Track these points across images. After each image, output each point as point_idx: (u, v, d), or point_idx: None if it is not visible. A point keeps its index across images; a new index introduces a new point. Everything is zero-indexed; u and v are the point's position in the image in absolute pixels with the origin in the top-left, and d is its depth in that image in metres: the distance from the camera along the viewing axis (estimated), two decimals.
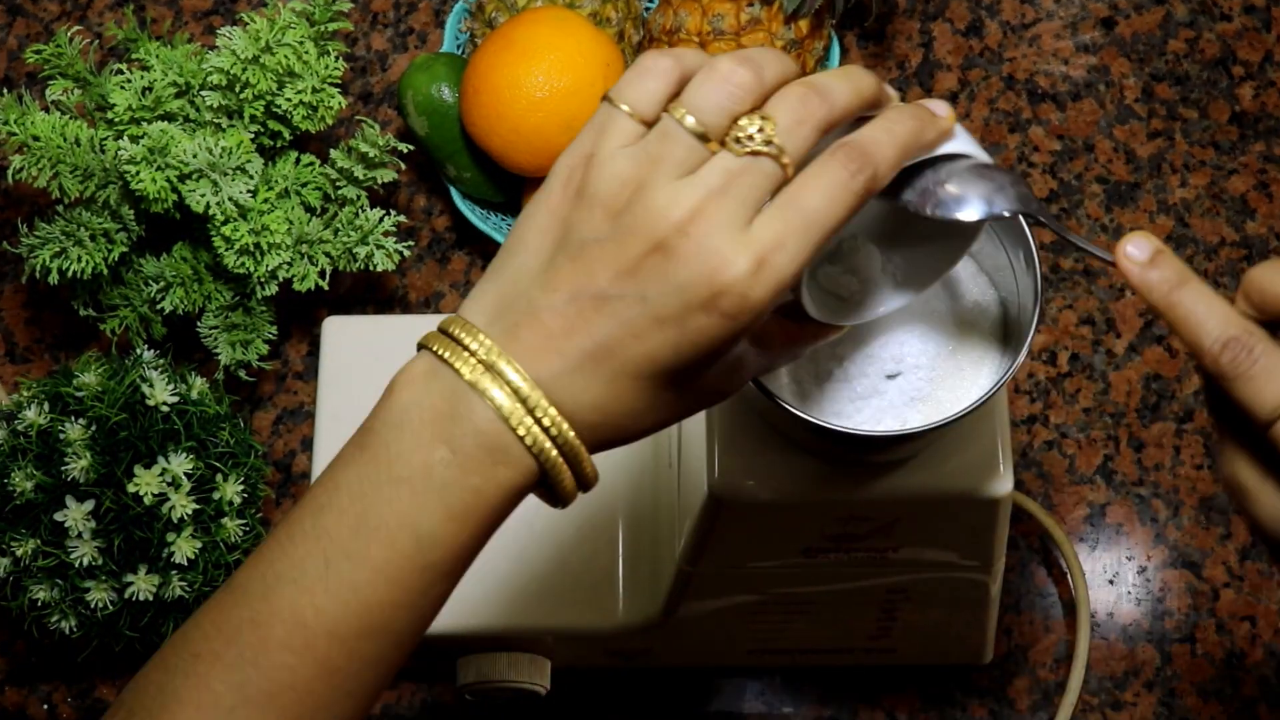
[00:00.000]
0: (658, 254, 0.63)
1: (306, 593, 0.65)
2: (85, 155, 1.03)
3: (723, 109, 0.65)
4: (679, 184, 0.64)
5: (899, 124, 0.66)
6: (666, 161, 0.64)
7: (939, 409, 0.78)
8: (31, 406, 0.99)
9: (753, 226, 0.63)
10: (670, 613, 0.99)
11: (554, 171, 0.66)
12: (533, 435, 0.65)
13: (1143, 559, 1.10)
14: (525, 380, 0.64)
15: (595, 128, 0.66)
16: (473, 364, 0.65)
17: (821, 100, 0.65)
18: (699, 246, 0.63)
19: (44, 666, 1.09)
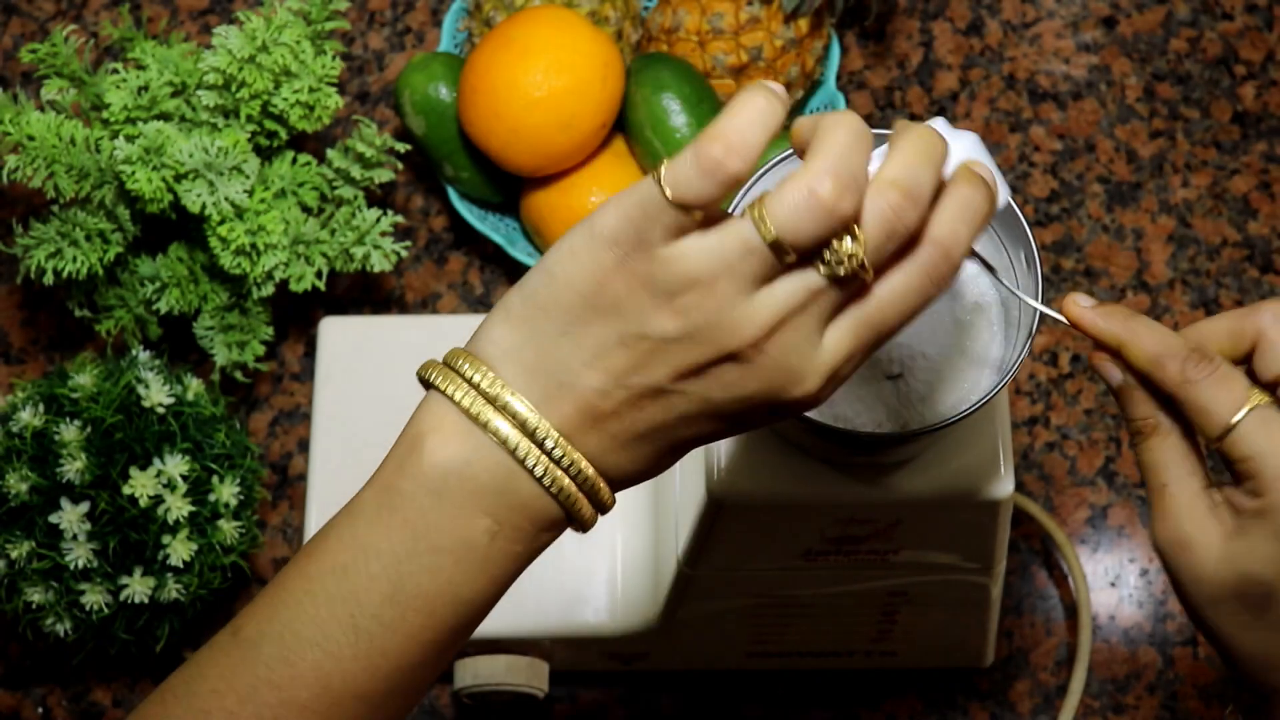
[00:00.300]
0: (729, 364, 0.62)
1: (333, 658, 0.64)
2: (80, 155, 1.02)
3: (809, 232, 0.60)
4: (758, 297, 0.61)
5: (974, 207, 0.63)
6: (743, 272, 0.61)
7: (939, 410, 0.78)
8: (26, 408, 0.99)
9: (825, 339, 0.62)
10: (669, 616, 0.99)
11: (598, 229, 0.62)
12: (578, 505, 0.64)
13: (1144, 561, 1.10)
14: (585, 464, 0.63)
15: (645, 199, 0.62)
16: (517, 438, 0.63)
17: (914, 207, 0.61)
18: (774, 364, 0.62)
19: (38, 669, 1.08)
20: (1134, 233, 1.17)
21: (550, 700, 1.07)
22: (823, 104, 1.16)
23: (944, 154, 0.64)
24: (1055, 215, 1.18)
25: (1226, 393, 0.66)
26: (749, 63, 1.11)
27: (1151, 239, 1.17)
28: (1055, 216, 1.18)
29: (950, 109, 1.21)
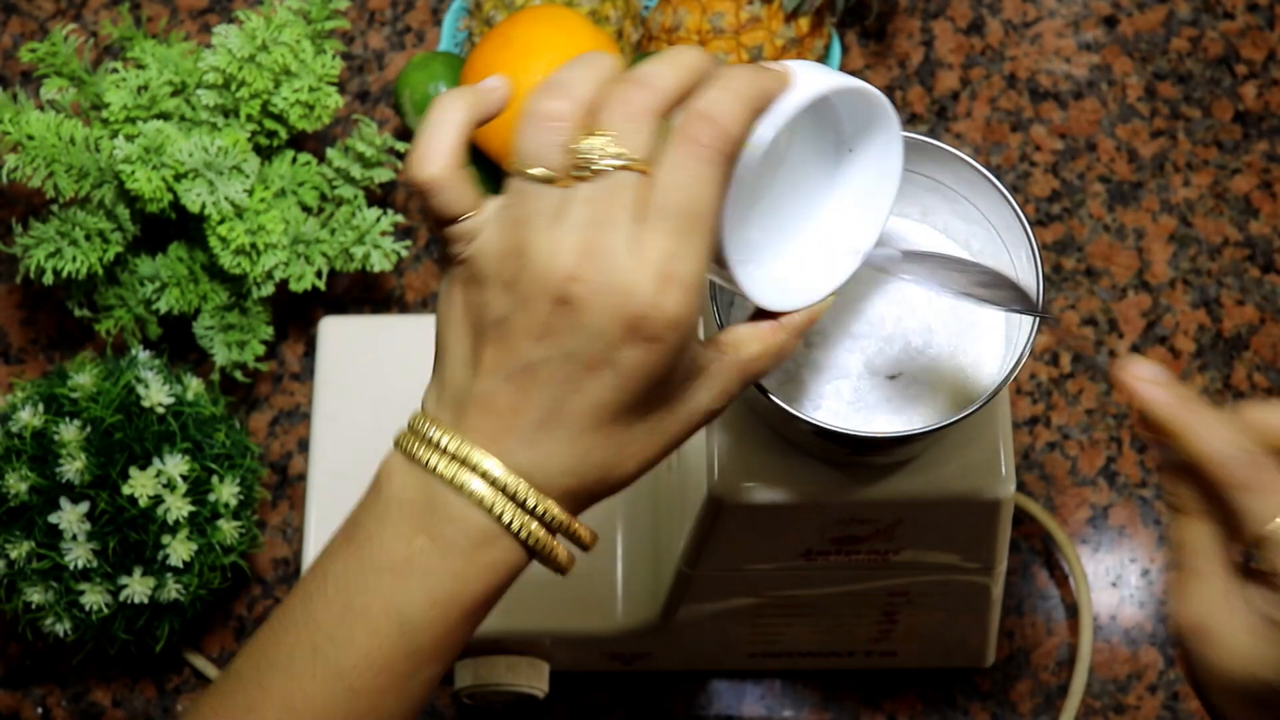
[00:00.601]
0: (562, 307, 0.62)
1: (295, 679, 0.66)
2: (80, 154, 1.02)
3: (551, 146, 0.63)
4: (551, 233, 0.63)
5: (735, 79, 0.64)
6: (531, 218, 0.63)
7: (940, 410, 0.78)
8: (26, 408, 0.99)
9: (641, 246, 0.62)
10: (669, 616, 0.99)
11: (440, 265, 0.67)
12: (518, 519, 0.65)
13: (1145, 561, 1.09)
14: (500, 466, 0.65)
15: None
16: (446, 459, 0.65)
17: (645, 89, 0.63)
18: (598, 285, 0.62)
19: (38, 669, 1.08)
20: (1135, 232, 1.17)
21: (550, 700, 1.07)
22: None
23: (695, 61, 0.64)
24: (1056, 215, 1.18)
25: (1269, 499, 0.65)
26: (750, 62, 1.11)
27: (1153, 238, 1.17)
28: (1056, 216, 1.18)
29: (951, 108, 1.21)
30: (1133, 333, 1.14)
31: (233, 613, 1.09)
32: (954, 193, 0.79)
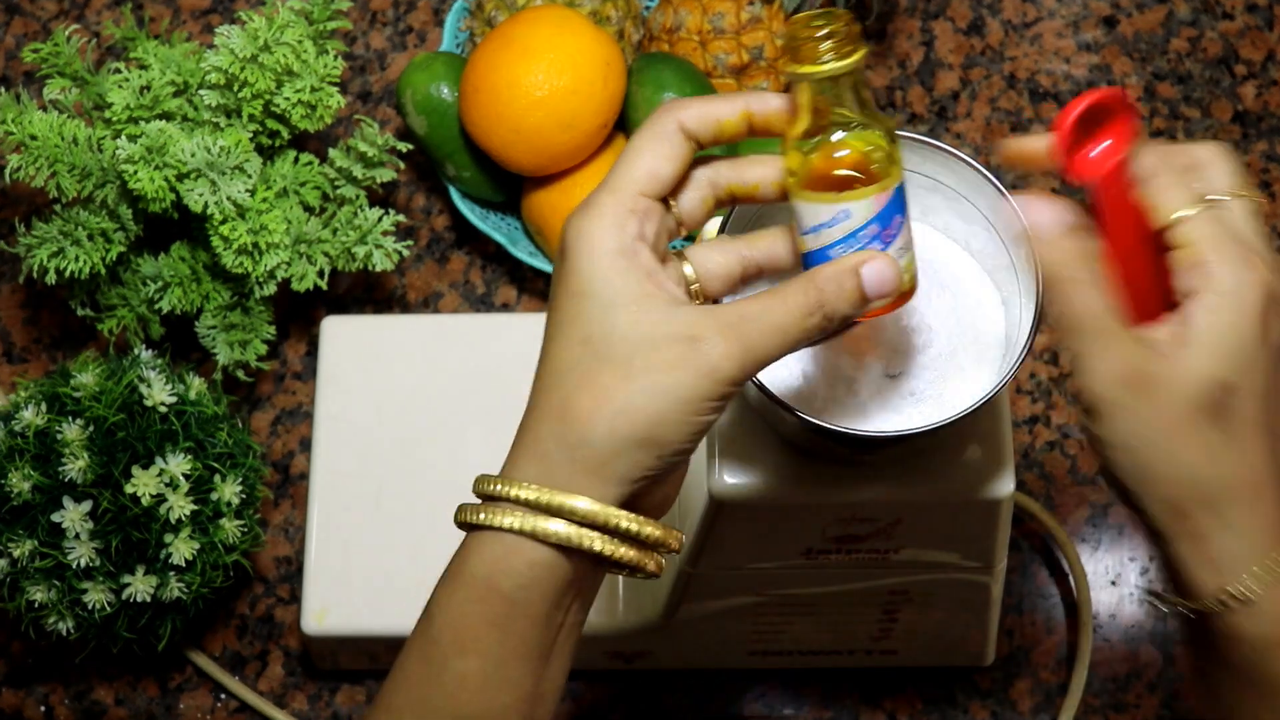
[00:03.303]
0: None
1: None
2: (83, 154, 1.02)
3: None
4: None
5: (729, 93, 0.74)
6: None
7: (940, 409, 0.78)
8: (29, 407, 0.99)
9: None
10: (671, 614, 0.99)
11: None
12: (604, 545, 0.68)
13: (1145, 560, 1.10)
14: (586, 499, 0.67)
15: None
16: (520, 512, 0.68)
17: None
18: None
19: (41, 668, 1.08)
20: None
21: None
22: None
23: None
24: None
25: (1176, 193, 0.68)
26: (750, 62, 1.11)
27: None
28: None
29: (951, 108, 1.21)
30: None
31: (235, 611, 1.09)
32: (954, 193, 0.79)
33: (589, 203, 0.69)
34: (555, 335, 0.68)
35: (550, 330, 0.69)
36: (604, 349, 0.67)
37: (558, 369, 0.68)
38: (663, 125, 0.70)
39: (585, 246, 0.68)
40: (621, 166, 0.70)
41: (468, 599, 0.68)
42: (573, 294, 0.68)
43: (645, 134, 0.70)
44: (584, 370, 0.67)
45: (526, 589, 0.67)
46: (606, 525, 0.67)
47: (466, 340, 1.09)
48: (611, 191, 0.69)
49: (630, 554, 0.68)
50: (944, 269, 0.80)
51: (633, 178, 0.69)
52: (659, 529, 0.69)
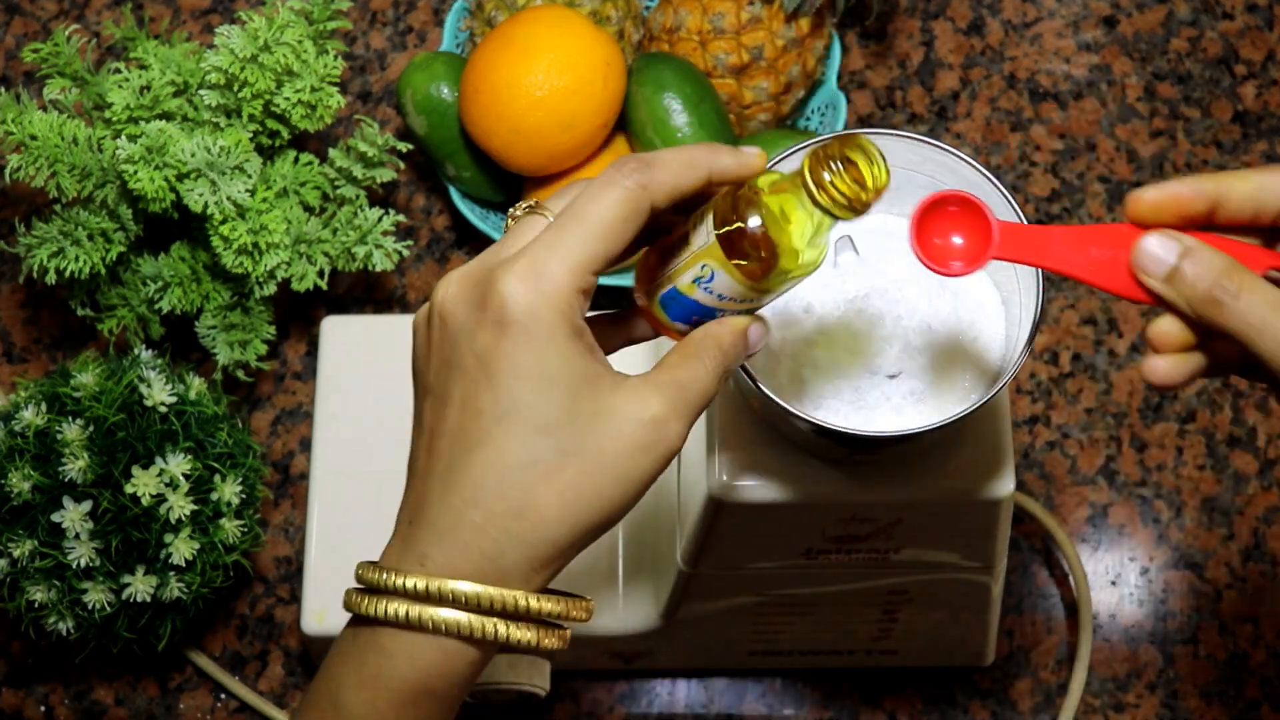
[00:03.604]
0: (440, 324, 0.65)
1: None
2: (83, 154, 1.02)
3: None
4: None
5: (684, 149, 0.66)
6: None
7: (940, 409, 0.78)
8: (29, 407, 0.99)
9: (518, 253, 0.65)
10: (670, 614, 0.99)
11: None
12: (432, 619, 0.65)
13: (1145, 560, 1.10)
14: (415, 576, 0.64)
15: None
16: (362, 597, 0.66)
17: (613, 182, 0.65)
18: (461, 289, 0.65)
19: (41, 668, 1.08)
20: None
21: (552, 699, 1.07)
22: (824, 103, 1.16)
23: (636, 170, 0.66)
24: (1056, 215, 1.18)
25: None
26: (750, 62, 1.11)
27: None
28: (1056, 216, 1.18)
29: (951, 108, 1.21)
30: (1132, 332, 1.15)
31: (235, 611, 1.09)
32: None
33: (540, 274, 0.63)
34: (501, 426, 0.63)
35: (488, 419, 0.63)
36: (570, 440, 0.63)
37: (510, 463, 0.63)
38: (637, 203, 0.65)
39: (541, 326, 0.63)
40: (582, 235, 0.64)
41: (395, 704, 0.65)
42: (525, 376, 0.63)
43: (616, 208, 0.64)
44: (549, 465, 0.63)
45: (461, 686, 0.66)
46: (556, 616, 0.66)
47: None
48: (569, 267, 0.63)
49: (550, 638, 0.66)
50: None
51: (592, 255, 0.64)
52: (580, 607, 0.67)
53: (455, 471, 0.64)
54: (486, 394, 0.63)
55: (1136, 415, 1.13)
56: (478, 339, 0.63)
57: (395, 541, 0.67)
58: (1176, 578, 1.09)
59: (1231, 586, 1.09)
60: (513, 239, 0.66)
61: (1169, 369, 0.66)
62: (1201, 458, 1.11)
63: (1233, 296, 0.64)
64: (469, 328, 0.64)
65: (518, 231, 0.66)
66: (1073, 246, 0.67)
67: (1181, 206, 0.66)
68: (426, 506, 0.65)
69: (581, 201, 0.65)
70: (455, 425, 0.64)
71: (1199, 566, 1.09)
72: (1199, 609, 1.08)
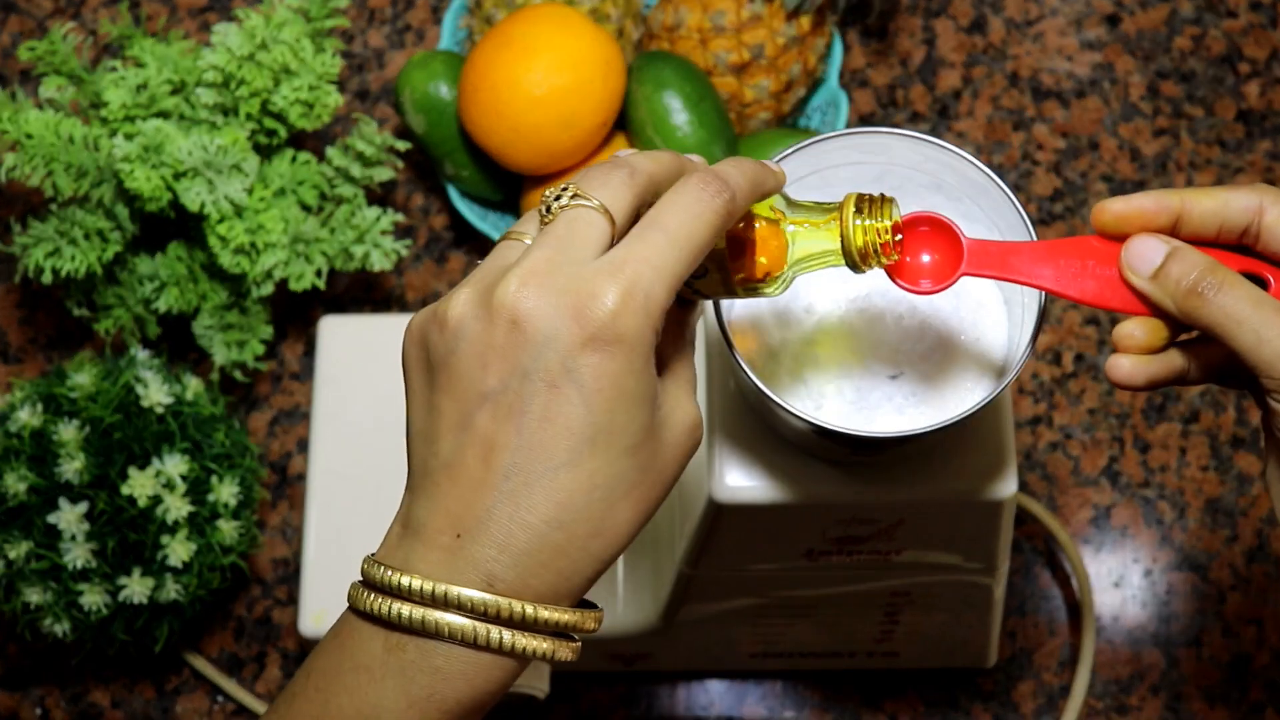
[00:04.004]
0: (513, 328, 0.60)
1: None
2: (79, 153, 1.02)
3: (530, 216, 0.64)
4: (507, 269, 0.62)
5: (743, 164, 0.65)
6: (489, 262, 0.63)
7: (942, 410, 0.78)
8: (24, 407, 0.99)
9: (612, 250, 0.61)
10: (671, 616, 0.98)
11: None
12: (501, 640, 0.61)
13: (1148, 561, 1.09)
14: (446, 584, 0.61)
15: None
16: (410, 608, 0.61)
17: (617, 165, 0.64)
18: (549, 295, 0.60)
19: (37, 670, 1.08)
20: None
21: (552, 700, 1.07)
22: (825, 102, 1.15)
23: (671, 160, 0.65)
24: (1059, 214, 1.17)
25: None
26: (751, 60, 1.10)
27: None
28: (1059, 215, 1.17)
29: (953, 107, 1.20)
30: None
31: (232, 613, 1.09)
32: (957, 192, 0.78)
33: (647, 295, 0.61)
34: (597, 442, 0.61)
35: (581, 432, 0.61)
36: (648, 458, 0.62)
37: (599, 483, 0.61)
38: (722, 228, 0.64)
39: (642, 348, 0.61)
40: (681, 258, 0.62)
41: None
42: (623, 397, 0.61)
43: (709, 233, 0.63)
44: (629, 484, 0.62)
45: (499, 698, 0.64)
46: (571, 627, 0.63)
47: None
48: (669, 288, 0.61)
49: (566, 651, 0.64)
50: None
51: (683, 277, 0.62)
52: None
53: (534, 490, 0.61)
54: (580, 412, 0.60)
55: (1139, 416, 1.12)
56: (575, 355, 0.60)
57: (430, 552, 0.62)
58: (1180, 579, 1.09)
59: (1235, 588, 1.08)
60: (577, 239, 0.62)
61: (1131, 368, 0.69)
62: (1205, 458, 1.11)
63: (1215, 290, 0.67)
64: (561, 339, 0.60)
65: (583, 233, 0.62)
66: (1041, 259, 0.70)
67: (1146, 219, 0.69)
68: (489, 523, 0.61)
69: (675, 217, 0.62)
70: (534, 440, 0.61)
71: (1202, 568, 1.09)
72: (1202, 611, 1.08)
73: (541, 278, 0.61)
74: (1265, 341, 0.66)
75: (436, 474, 0.62)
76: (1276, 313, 0.66)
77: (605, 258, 0.61)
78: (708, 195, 0.63)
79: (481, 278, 0.63)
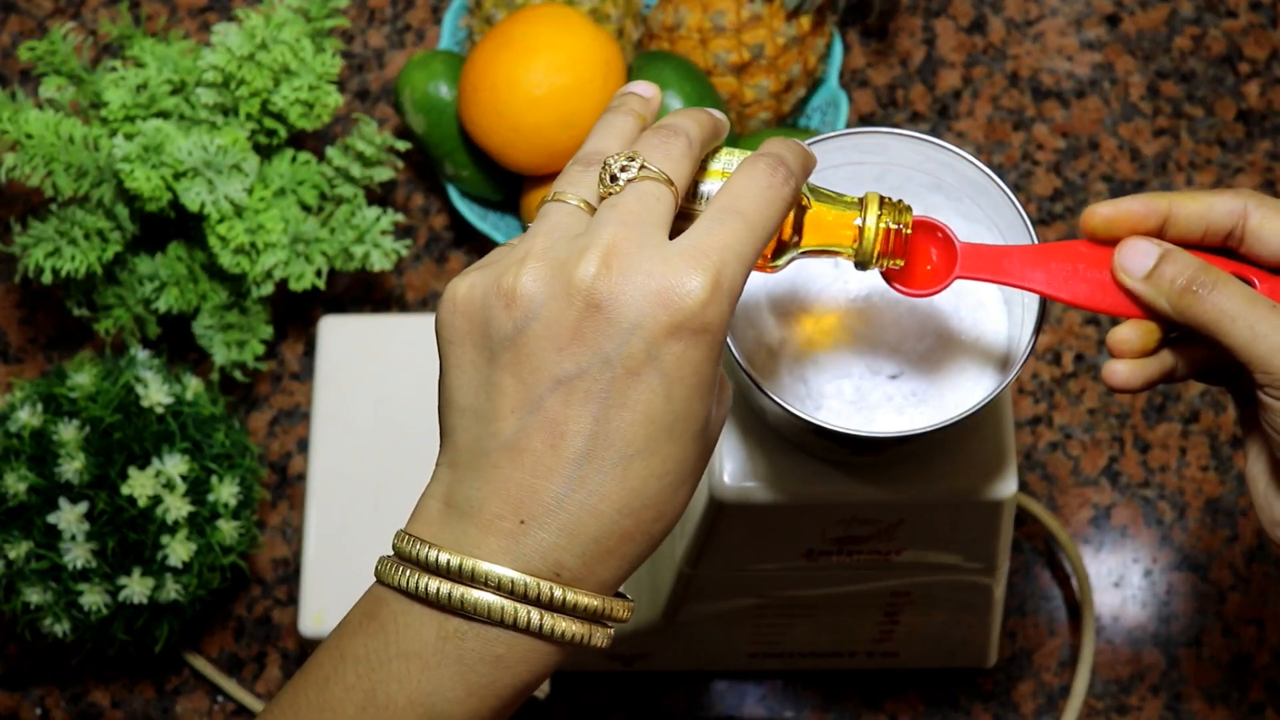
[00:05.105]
0: (592, 311, 0.59)
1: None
2: (79, 153, 1.02)
3: (589, 180, 0.63)
4: (576, 242, 0.60)
5: (793, 146, 0.65)
6: (552, 230, 0.61)
7: (942, 410, 0.78)
8: (25, 407, 0.99)
9: (692, 234, 0.60)
10: (671, 616, 0.98)
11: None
12: (547, 622, 0.60)
13: (1148, 561, 1.09)
14: (512, 571, 0.59)
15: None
16: (479, 595, 0.59)
17: (675, 133, 0.63)
18: (634, 279, 0.59)
19: (37, 670, 1.08)
20: None
21: (551, 700, 1.07)
22: (825, 102, 1.15)
23: (711, 119, 0.65)
24: (1059, 214, 1.17)
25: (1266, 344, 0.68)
26: (751, 60, 1.10)
27: None
28: (1059, 215, 1.17)
29: (953, 107, 1.20)
30: None
31: (232, 613, 1.09)
32: (957, 191, 0.78)
33: (730, 284, 0.60)
34: (674, 429, 0.60)
35: (661, 420, 0.60)
36: (708, 442, 0.62)
37: (670, 468, 0.60)
38: (792, 201, 0.63)
39: (721, 335, 0.60)
40: (755, 242, 0.61)
41: (499, 709, 0.61)
42: (703, 385, 0.60)
43: (778, 217, 0.63)
44: (693, 468, 0.61)
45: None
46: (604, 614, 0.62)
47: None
48: (744, 274, 0.61)
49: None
50: None
51: (754, 262, 0.62)
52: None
53: (607, 477, 0.60)
54: (660, 401, 0.59)
55: (1139, 416, 1.12)
56: (662, 343, 0.59)
57: (489, 537, 0.60)
58: (1180, 579, 1.09)
59: (1235, 588, 1.08)
60: (651, 215, 0.61)
61: (1128, 373, 0.70)
62: (1205, 458, 1.11)
63: (1208, 289, 0.68)
64: (647, 327, 0.59)
65: (655, 208, 0.61)
66: (1033, 263, 0.71)
67: (1134, 222, 0.70)
68: (558, 510, 0.60)
69: (753, 204, 0.62)
70: (611, 428, 0.59)
71: (1202, 568, 1.09)
72: (1202, 611, 1.08)
73: (624, 259, 0.59)
74: (1260, 337, 0.67)
75: (495, 454, 0.60)
76: (1269, 310, 0.67)
77: (688, 241, 0.60)
78: (778, 181, 0.63)
79: (548, 249, 0.60)
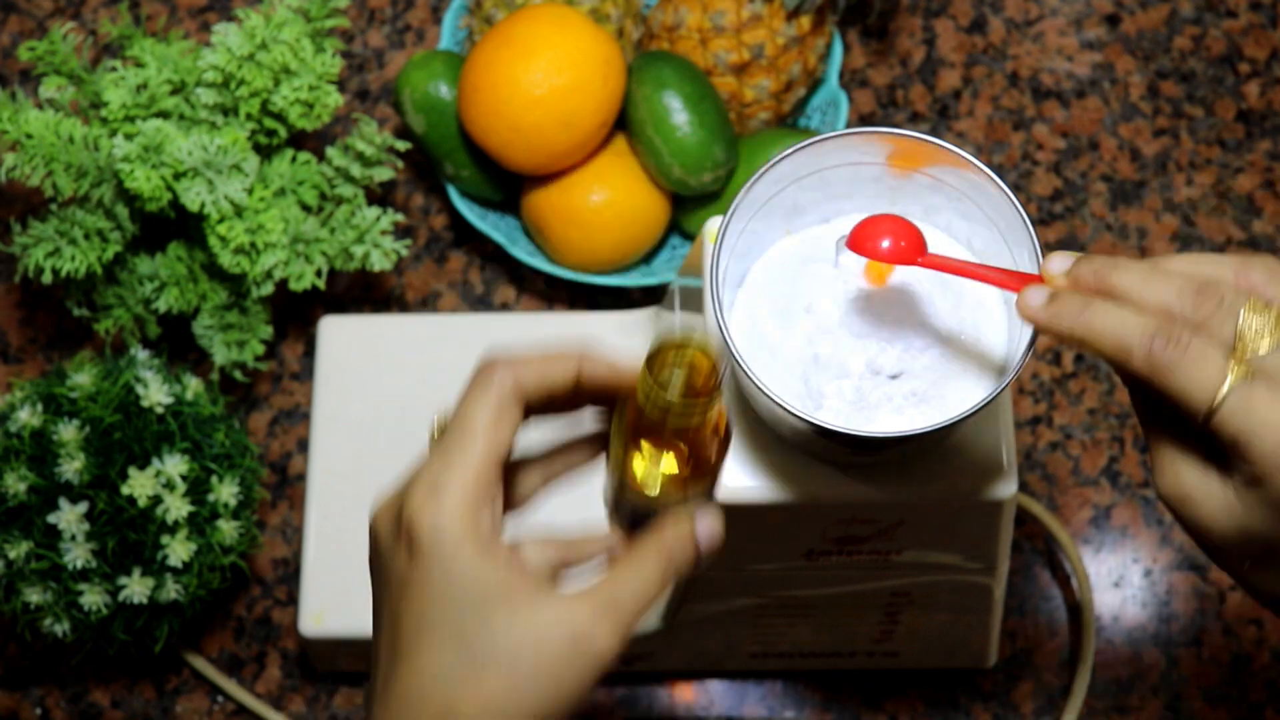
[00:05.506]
0: (371, 541, 0.70)
1: None
2: (79, 153, 1.02)
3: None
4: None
5: (564, 345, 0.69)
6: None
7: (942, 410, 0.77)
8: (24, 407, 0.98)
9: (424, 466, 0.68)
10: (671, 617, 0.98)
11: None
12: None
13: (1148, 561, 1.09)
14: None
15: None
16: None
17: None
18: (386, 504, 0.69)
19: (37, 670, 1.08)
20: (1138, 231, 1.17)
21: None
22: (825, 102, 1.15)
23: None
24: (1058, 214, 1.17)
25: (1202, 373, 0.64)
26: (751, 60, 1.10)
27: (1155, 238, 1.17)
28: (1058, 215, 1.17)
29: (953, 107, 1.20)
30: None
31: (232, 613, 1.09)
32: (956, 192, 0.78)
33: (436, 487, 0.66)
34: (420, 638, 0.65)
35: (410, 631, 0.65)
36: (484, 652, 0.64)
37: (433, 672, 0.65)
38: (503, 393, 0.67)
39: (444, 544, 0.65)
40: (463, 442, 0.66)
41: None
42: (436, 597, 0.65)
43: (484, 403, 0.67)
44: (465, 674, 0.65)
45: None
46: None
47: (465, 340, 1.08)
48: (463, 481, 0.66)
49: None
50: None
51: (480, 463, 0.66)
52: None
53: (390, 679, 0.66)
54: (405, 609, 0.66)
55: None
56: (395, 560, 0.66)
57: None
58: (1180, 579, 1.09)
59: (1235, 588, 1.08)
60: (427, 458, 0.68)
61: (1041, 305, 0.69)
62: None
63: (1089, 311, 0.67)
64: (389, 547, 0.67)
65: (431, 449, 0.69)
66: (989, 280, 0.72)
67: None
68: (376, 704, 0.67)
69: (460, 410, 0.67)
70: (388, 636, 0.67)
71: (1202, 568, 1.09)
72: (1202, 611, 1.08)
73: (388, 499, 0.69)
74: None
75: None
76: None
77: (422, 472, 0.68)
78: (485, 379, 0.68)
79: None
